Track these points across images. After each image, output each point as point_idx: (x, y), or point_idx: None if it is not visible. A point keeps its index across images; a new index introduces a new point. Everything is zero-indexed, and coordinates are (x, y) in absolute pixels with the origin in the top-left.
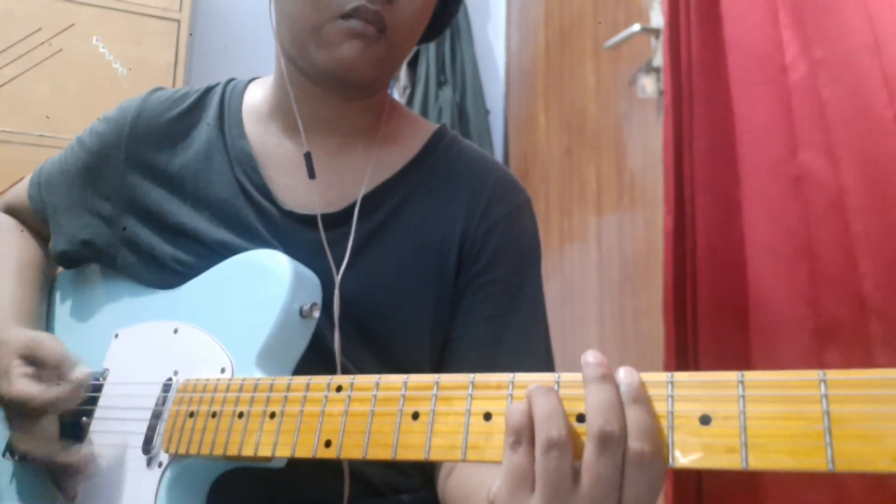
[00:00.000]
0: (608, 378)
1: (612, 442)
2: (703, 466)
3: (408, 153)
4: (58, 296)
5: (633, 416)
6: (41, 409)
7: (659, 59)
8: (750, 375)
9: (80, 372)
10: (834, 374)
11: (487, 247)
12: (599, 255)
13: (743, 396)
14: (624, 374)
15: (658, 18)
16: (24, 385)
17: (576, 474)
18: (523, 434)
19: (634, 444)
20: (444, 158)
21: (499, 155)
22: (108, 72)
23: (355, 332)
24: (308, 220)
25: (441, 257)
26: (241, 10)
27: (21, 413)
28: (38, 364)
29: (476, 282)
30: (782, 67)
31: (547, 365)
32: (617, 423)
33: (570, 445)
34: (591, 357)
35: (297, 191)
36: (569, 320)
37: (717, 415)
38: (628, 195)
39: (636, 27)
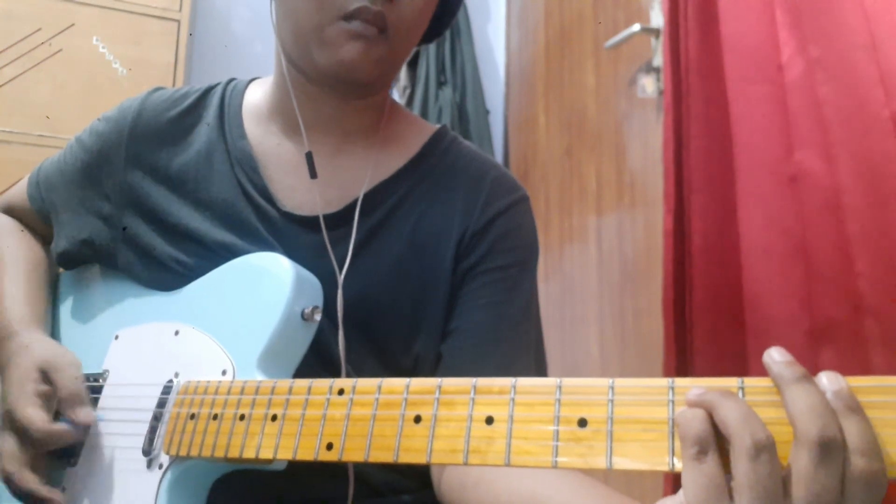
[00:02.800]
0: (810, 378)
1: (834, 451)
2: None
3: (407, 154)
4: (59, 297)
5: (854, 426)
6: (34, 439)
7: (659, 59)
8: (750, 382)
9: (84, 415)
10: None
11: (486, 239)
12: (599, 255)
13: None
14: (829, 380)
15: (658, 18)
16: (31, 409)
17: (784, 484)
18: (709, 442)
19: (861, 459)
20: (443, 159)
21: (499, 155)
22: (108, 72)
23: (356, 332)
24: (307, 222)
25: (438, 252)
26: (241, 10)
27: (11, 426)
28: (52, 385)
29: (474, 271)
30: (778, 66)
31: (537, 364)
32: (836, 425)
33: (776, 452)
34: (778, 355)
35: (296, 191)
36: (569, 320)
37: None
38: (628, 195)
39: (636, 27)
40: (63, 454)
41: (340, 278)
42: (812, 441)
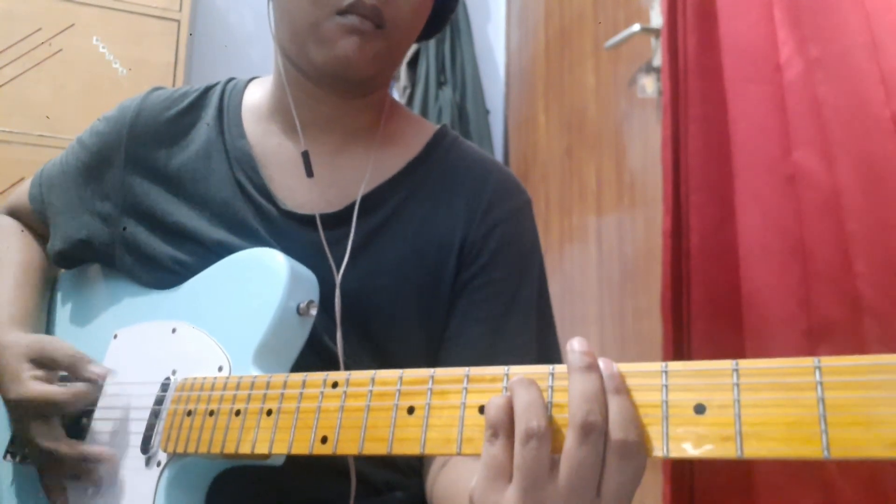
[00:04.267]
0: (593, 367)
1: (594, 432)
2: (699, 456)
3: (408, 154)
4: (58, 297)
5: (616, 405)
6: (61, 408)
7: (659, 59)
8: (744, 364)
9: (97, 367)
10: (829, 361)
11: (486, 248)
12: (599, 255)
13: (737, 385)
14: (604, 365)
15: (658, 18)
16: (40, 386)
17: (553, 465)
18: (501, 427)
19: (618, 433)
20: (445, 160)
21: (499, 155)
22: (108, 72)
23: (354, 331)
24: (307, 220)
25: (440, 259)
26: (241, 10)
27: (32, 413)
28: (48, 365)
29: (474, 282)
30: (777, 66)
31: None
32: (600, 413)
33: (549, 436)
34: (576, 345)
35: (296, 191)
36: (569, 320)
37: (711, 404)
38: (628, 195)
39: (636, 27)
40: None
41: (338, 277)
42: (576, 423)
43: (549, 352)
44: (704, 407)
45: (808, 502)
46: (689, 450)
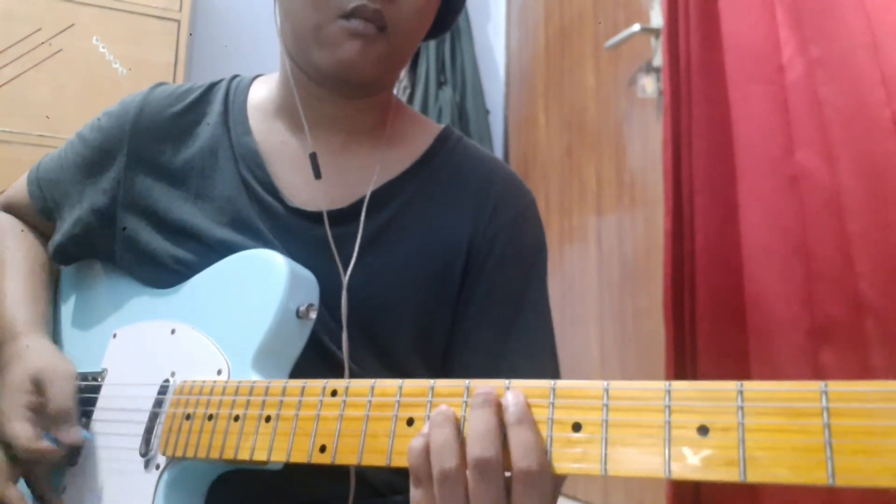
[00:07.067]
0: (487, 403)
1: (489, 468)
2: (702, 479)
3: (413, 153)
4: (60, 295)
5: (517, 436)
6: (19, 456)
7: (659, 59)
8: (749, 386)
9: (71, 435)
10: (836, 387)
11: (494, 250)
12: (599, 255)
13: (742, 408)
14: (511, 397)
15: (658, 18)
16: (18, 424)
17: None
18: (421, 470)
19: (521, 463)
20: (450, 159)
21: (499, 155)
22: (108, 72)
23: (358, 330)
24: (314, 217)
25: (448, 261)
26: (241, 10)
27: (2, 443)
28: (44, 396)
29: (482, 285)
30: (779, 67)
31: (552, 366)
32: (493, 448)
33: (463, 476)
34: (478, 387)
35: (302, 188)
36: (569, 320)
37: (715, 426)
38: (628, 195)
39: (636, 27)
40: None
41: (345, 279)
42: (472, 462)
43: (554, 351)
44: (708, 429)
45: (811, 501)
46: (691, 472)
